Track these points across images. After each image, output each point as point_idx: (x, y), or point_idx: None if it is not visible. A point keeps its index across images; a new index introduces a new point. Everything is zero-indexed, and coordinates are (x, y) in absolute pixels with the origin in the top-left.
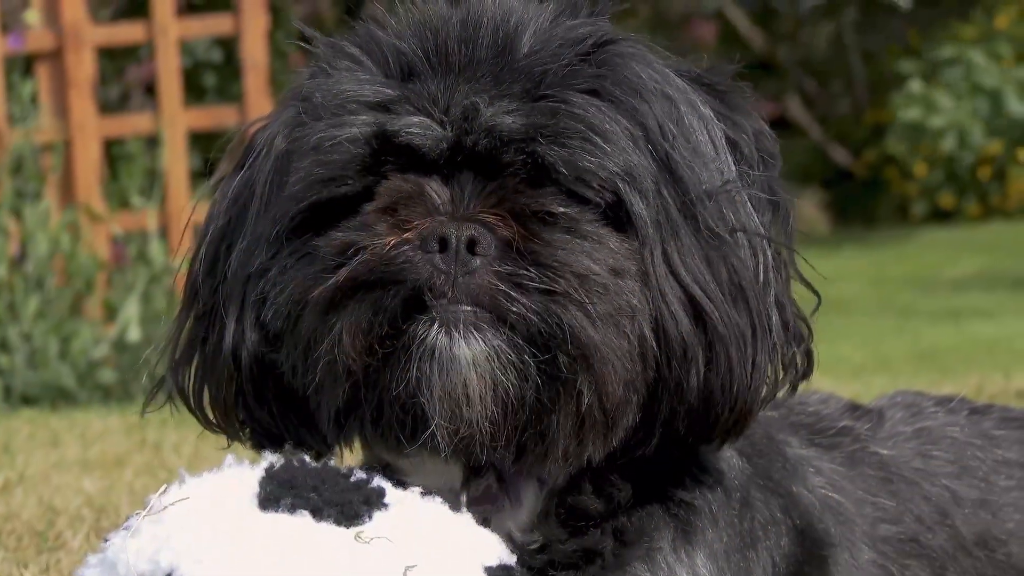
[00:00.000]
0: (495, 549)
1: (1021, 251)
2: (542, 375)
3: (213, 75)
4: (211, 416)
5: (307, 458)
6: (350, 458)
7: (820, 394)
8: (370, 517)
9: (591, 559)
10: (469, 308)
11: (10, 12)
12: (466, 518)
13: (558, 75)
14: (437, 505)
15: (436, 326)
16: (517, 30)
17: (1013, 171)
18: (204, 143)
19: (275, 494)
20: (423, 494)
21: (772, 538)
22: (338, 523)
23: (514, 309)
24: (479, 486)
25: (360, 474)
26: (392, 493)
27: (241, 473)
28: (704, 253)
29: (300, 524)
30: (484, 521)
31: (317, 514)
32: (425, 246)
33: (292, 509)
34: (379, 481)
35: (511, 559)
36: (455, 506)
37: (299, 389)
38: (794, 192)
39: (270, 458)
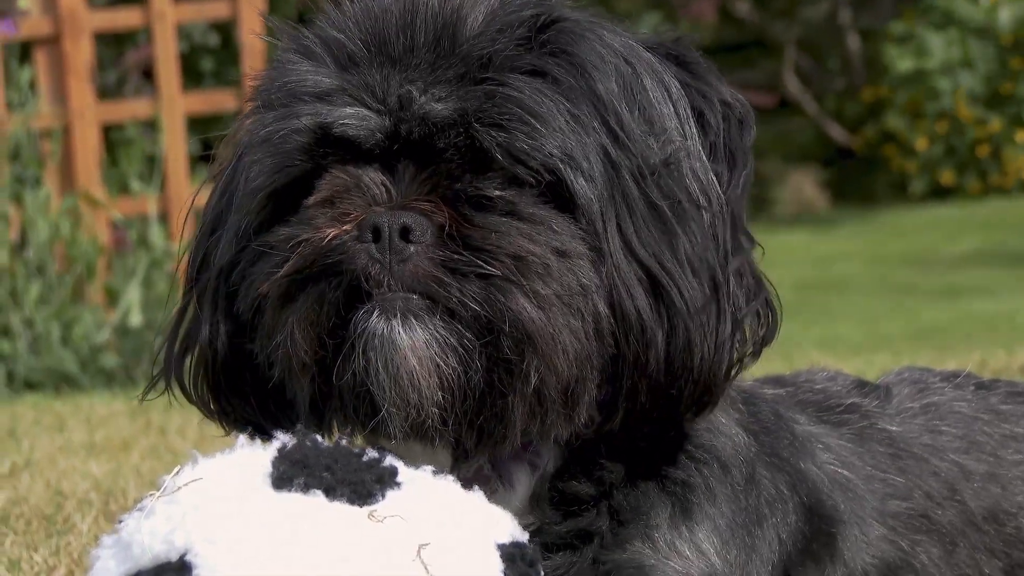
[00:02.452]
0: (507, 526)
1: (1020, 228)
2: (486, 359)
3: (210, 59)
4: (211, 405)
5: (319, 437)
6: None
7: (827, 371)
8: (383, 496)
9: (588, 539)
10: (406, 295)
11: None
12: (478, 496)
13: (501, 57)
14: (449, 483)
15: (376, 314)
16: (459, 15)
17: (1011, 148)
18: (202, 127)
19: (288, 473)
20: (435, 472)
21: (779, 515)
22: (351, 502)
23: (450, 294)
24: (469, 468)
25: (372, 453)
26: (404, 472)
27: (254, 453)
28: (662, 226)
29: (313, 503)
30: None
31: (330, 493)
32: (362, 237)
33: (305, 488)
34: (391, 460)
35: (523, 536)
36: None
37: (273, 379)
38: (792, 170)
39: (282, 438)
